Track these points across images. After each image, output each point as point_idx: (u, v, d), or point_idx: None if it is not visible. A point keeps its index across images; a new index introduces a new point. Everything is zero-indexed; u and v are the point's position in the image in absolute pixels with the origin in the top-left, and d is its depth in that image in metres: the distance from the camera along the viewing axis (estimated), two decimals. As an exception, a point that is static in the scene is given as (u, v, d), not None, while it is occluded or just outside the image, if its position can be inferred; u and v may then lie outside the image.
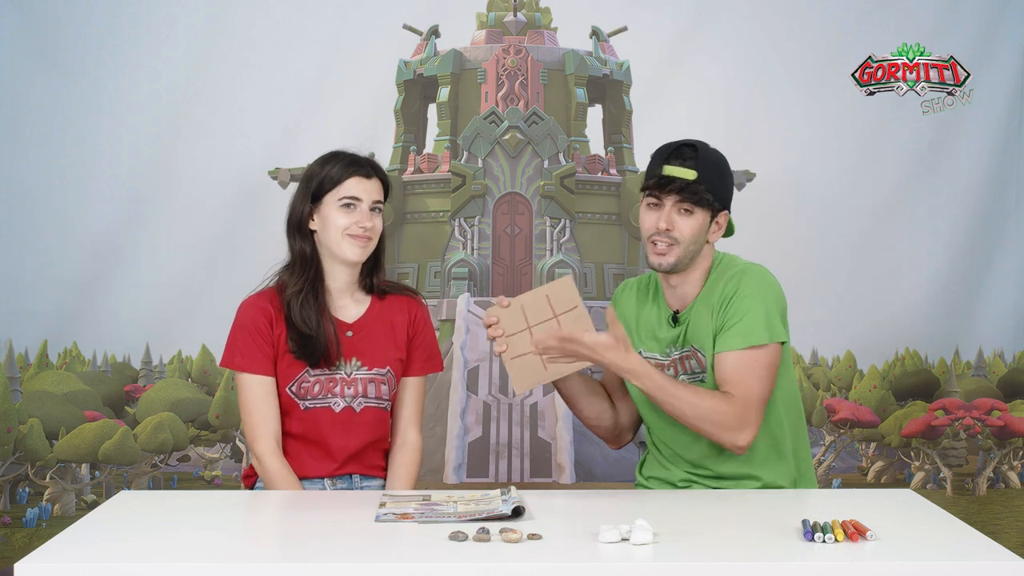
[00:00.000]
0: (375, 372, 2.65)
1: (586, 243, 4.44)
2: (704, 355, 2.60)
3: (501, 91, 4.47)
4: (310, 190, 2.64)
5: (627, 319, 2.72)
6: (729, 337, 2.54)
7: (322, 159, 2.69)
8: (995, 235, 4.32)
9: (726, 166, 2.64)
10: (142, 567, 1.94)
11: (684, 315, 2.64)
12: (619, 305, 2.77)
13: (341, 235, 2.60)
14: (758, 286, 2.58)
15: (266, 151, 4.18)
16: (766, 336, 2.54)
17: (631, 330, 2.70)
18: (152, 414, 4.20)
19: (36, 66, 4.11)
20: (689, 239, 2.57)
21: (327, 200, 2.62)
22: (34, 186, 4.12)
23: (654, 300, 2.71)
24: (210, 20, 4.17)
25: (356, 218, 2.60)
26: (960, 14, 4.24)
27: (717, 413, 2.49)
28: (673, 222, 2.56)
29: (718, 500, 2.45)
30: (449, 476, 4.21)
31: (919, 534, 2.14)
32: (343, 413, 2.62)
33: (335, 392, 2.61)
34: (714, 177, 2.57)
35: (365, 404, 2.63)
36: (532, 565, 1.94)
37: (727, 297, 2.58)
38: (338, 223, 2.60)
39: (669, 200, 2.56)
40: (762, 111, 4.25)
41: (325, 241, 2.63)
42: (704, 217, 2.58)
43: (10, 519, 4.13)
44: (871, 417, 4.35)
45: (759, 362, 2.54)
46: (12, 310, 4.13)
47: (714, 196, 2.57)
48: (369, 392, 2.63)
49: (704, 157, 2.57)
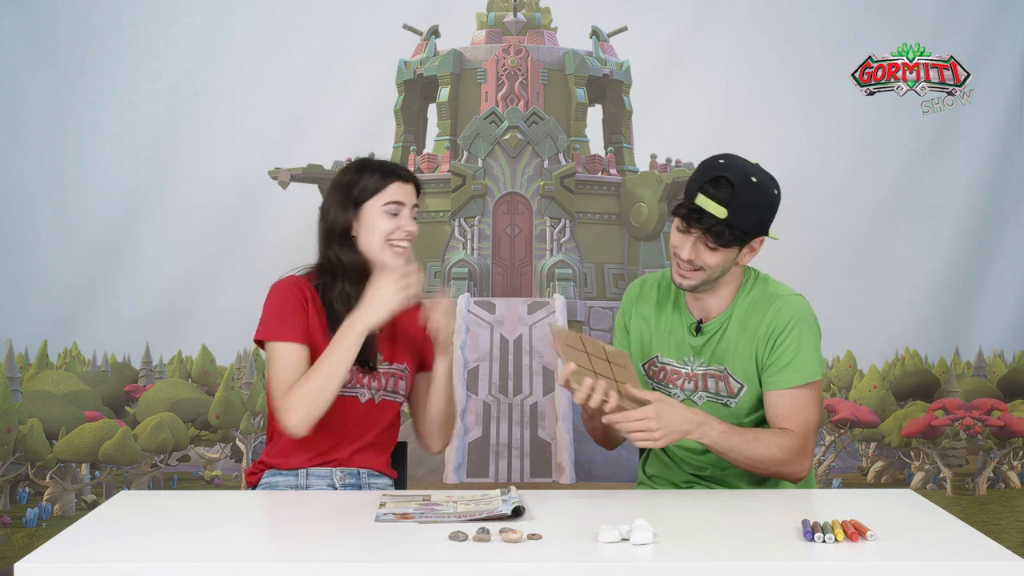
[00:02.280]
0: (395, 367, 2.69)
1: (586, 243, 4.44)
2: (738, 381, 2.57)
3: (501, 91, 4.47)
4: (351, 198, 2.63)
5: (646, 317, 2.67)
6: (788, 374, 2.53)
7: (355, 168, 2.69)
8: (995, 235, 4.32)
9: (768, 196, 2.49)
10: (142, 567, 1.94)
11: (710, 327, 2.59)
12: (639, 301, 2.70)
13: (383, 242, 2.61)
14: (807, 321, 2.55)
15: (266, 151, 4.18)
16: (819, 372, 2.55)
17: (650, 329, 2.66)
18: (152, 414, 4.20)
19: (36, 66, 4.11)
20: (714, 268, 2.50)
21: (368, 207, 2.62)
22: (34, 186, 4.12)
23: (675, 304, 2.66)
24: (210, 20, 4.17)
25: (400, 223, 2.62)
26: (960, 14, 4.24)
27: (783, 451, 2.49)
28: (698, 253, 2.48)
29: (718, 500, 2.45)
30: (449, 476, 4.21)
31: (919, 534, 2.14)
32: (367, 404, 2.65)
33: (363, 383, 2.64)
34: (748, 214, 2.44)
35: (384, 397, 2.67)
36: (532, 565, 1.94)
37: (777, 331, 2.53)
38: (382, 228, 2.61)
39: (696, 231, 2.46)
40: (762, 111, 4.25)
41: (365, 247, 2.63)
42: (731, 251, 2.49)
43: (10, 519, 4.13)
44: (871, 417, 4.35)
45: (813, 396, 2.56)
46: (12, 310, 4.13)
47: (745, 233, 2.46)
48: (389, 386, 2.68)
49: (741, 194, 2.42)
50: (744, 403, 2.58)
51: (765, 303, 2.56)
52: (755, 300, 2.58)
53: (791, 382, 2.53)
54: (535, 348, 4.37)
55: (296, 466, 2.64)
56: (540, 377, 4.37)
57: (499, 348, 4.38)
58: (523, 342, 4.39)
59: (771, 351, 2.53)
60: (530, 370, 4.38)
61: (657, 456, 2.75)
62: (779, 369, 2.53)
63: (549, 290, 4.40)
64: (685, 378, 2.61)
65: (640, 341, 2.68)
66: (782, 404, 2.54)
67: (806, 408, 2.53)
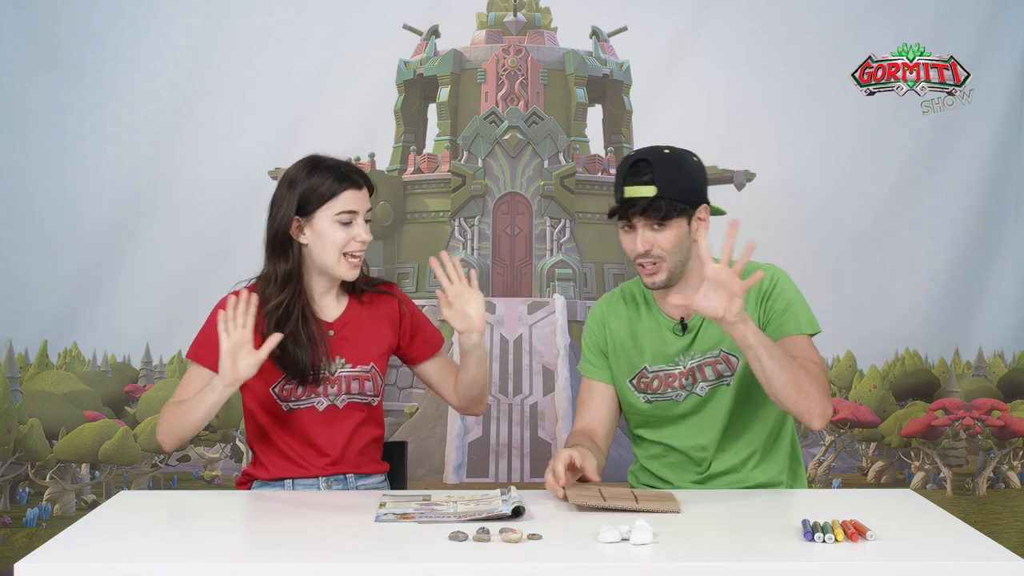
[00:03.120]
0: (359, 369, 2.63)
1: (586, 243, 4.44)
2: (735, 356, 2.58)
3: (501, 91, 4.47)
4: (295, 202, 2.55)
5: (621, 334, 2.67)
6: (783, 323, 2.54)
7: (305, 167, 2.58)
8: (995, 235, 4.32)
9: (687, 163, 2.56)
10: (142, 567, 1.94)
11: (694, 322, 2.60)
12: (608, 324, 2.69)
13: (338, 255, 2.54)
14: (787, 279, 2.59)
15: (266, 151, 4.18)
16: (815, 326, 2.57)
17: (629, 343, 2.66)
18: (152, 414, 4.20)
19: (36, 66, 4.11)
20: (672, 251, 2.52)
21: (320, 215, 2.54)
22: (34, 186, 4.12)
23: (647, 311, 2.66)
24: (210, 20, 4.17)
25: (354, 233, 2.54)
26: (960, 14, 4.24)
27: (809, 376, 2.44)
28: (650, 240, 2.51)
29: (718, 500, 2.45)
30: (449, 476, 4.21)
31: (919, 534, 2.14)
32: (327, 411, 2.61)
33: (318, 392, 2.59)
34: (678, 183, 2.50)
35: (348, 400, 2.62)
36: (532, 565, 1.94)
37: (764, 291, 2.56)
38: (335, 239, 2.53)
39: (639, 221, 2.52)
40: (762, 111, 4.25)
41: (318, 257, 2.56)
42: (680, 224, 2.52)
43: (10, 519, 4.13)
44: (871, 417, 4.35)
45: (815, 349, 2.57)
46: (12, 310, 4.13)
47: (684, 201, 2.51)
48: (352, 388, 2.62)
49: (660, 168, 2.50)
50: (742, 374, 2.58)
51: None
52: None
53: (795, 329, 2.54)
54: (535, 348, 4.37)
55: (280, 477, 2.64)
56: (540, 377, 4.37)
57: (499, 348, 4.38)
58: (523, 342, 4.39)
59: (766, 311, 2.56)
60: (530, 370, 4.38)
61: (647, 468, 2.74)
62: (779, 318, 2.55)
63: (549, 290, 4.40)
64: (680, 376, 2.61)
65: (622, 357, 2.67)
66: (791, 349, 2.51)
67: (811, 354, 2.53)
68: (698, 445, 2.63)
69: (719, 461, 2.63)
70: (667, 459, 2.68)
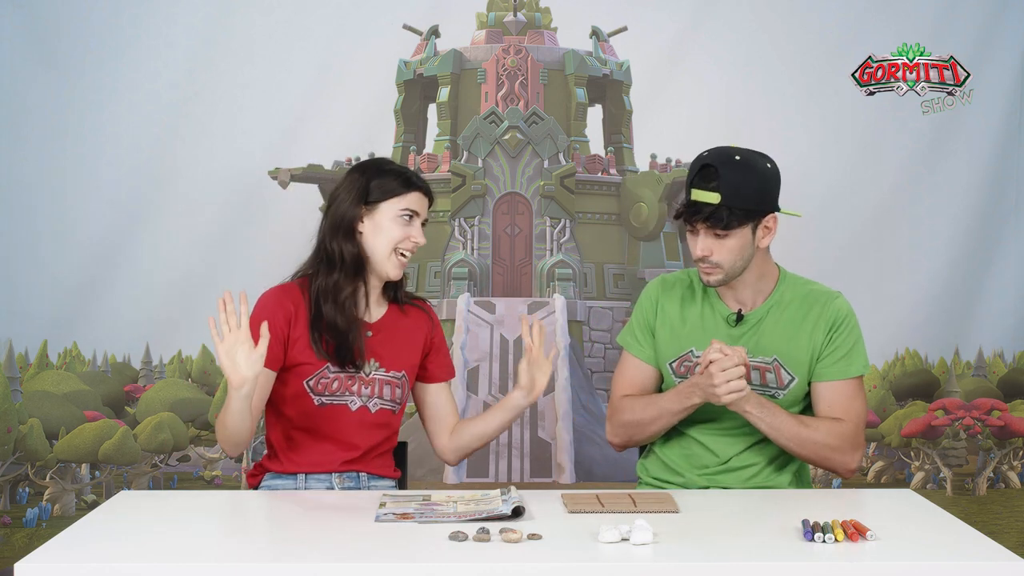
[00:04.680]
0: (392, 375, 2.64)
1: (586, 243, 4.44)
2: (790, 373, 2.58)
3: (501, 91, 4.47)
4: (365, 193, 2.59)
5: (672, 314, 2.66)
6: (844, 365, 2.57)
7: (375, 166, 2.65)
8: (995, 235, 4.32)
9: (758, 169, 2.52)
10: (142, 567, 1.94)
11: (752, 316, 2.59)
12: (661, 304, 2.68)
13: (390, 249, 2.58)
14: (854, 316, 2.62)
15: (266, 151, 4.18)
16: (868, 366, 2.62)
17: (679, 325, 2.65)
18: (152, 414, 4.20)
19: (36, 66, 4.11)
20: (731, 260, 2.52)
21: (384, 208, 2.58)
22: (34, 186, 4.12)
23: (704, 298, 2.65)
24: (210, 20, 4.17)
25: (411, 232, 2.59)
26: (960, 14, 4.24)
27: (833, 436, 2.53)
28: (710, 248, 2.50)
29: (718, 500, 2.45)
30: (449, 476, 4.20)
31: (919, 534, 2.14)
32: (358, 412, 2.61)
33: (353, 391, 2.60)
34: (743, 192, 2.47)
35: (380, 406, 2.63)
36: (532, 565, 1.94)
37: (837, 323, 2.57)
38: (393, 234, 2.57)
39: (701, 226, 2.50)
40: (762, 111, 4.25)
41: (371, 248, 2.59)
42: (743, 233, 2.50)
43: (10, 519, 4.13)
44: (871, 417, 4.35)
45: (863, 390, 2.61)
46: (12, 310, 4.13)
47: (747, 211, 2.48)
48: (384, 394, 2.63)
49: (727, 175, 2.46)
50: (791, 395, 2.59)
51: (818, 297, 2.60)
52: (804, 294, 2.61)
53: (847, 373, 2.57)
54: (535, 348, 4.36)
55: (294, 471, 2.64)
56: (540, 377, 4.36)
57: (499, 348, 4.38)
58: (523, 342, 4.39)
59: (830, 342, 2.57)
60: (530, 370, 4.37)
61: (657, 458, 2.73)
62: (836, 360, 2.56)
63: (549, 290, 4.40)
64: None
65: (669, 338, 2.65)
66: (835, 395, 2.57)
67: (857, 400, 2.58)
68: (724, 442, 2.62)
69: (739, 459, 2.62)
70: (687, 450, 2.66)
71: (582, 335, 4.43)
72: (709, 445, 2.63)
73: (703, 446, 2.64)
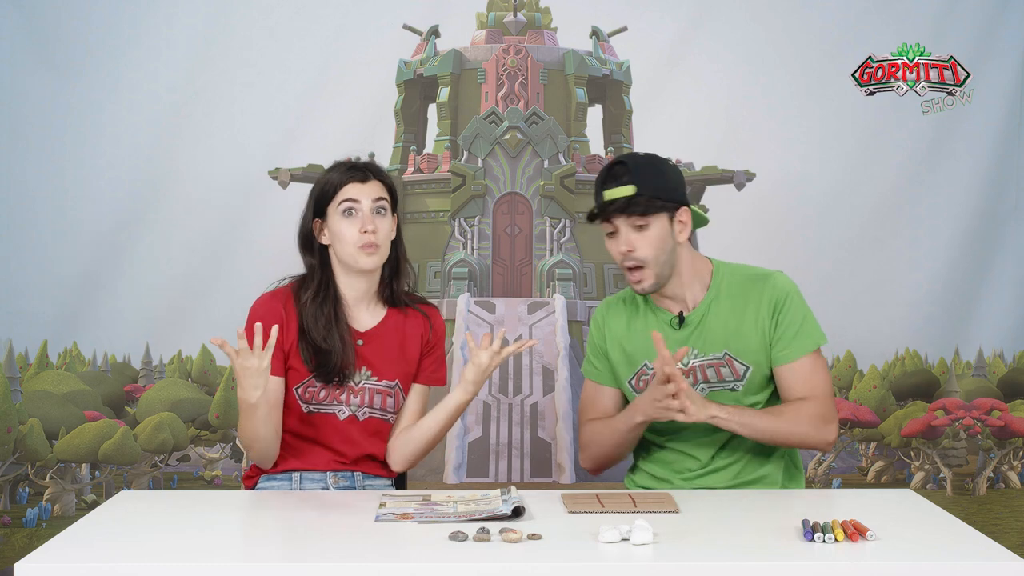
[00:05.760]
0: (384, 384, 2.62)
1: (586, 243, 4.44)
2: (742, 363, 2.59)
3: (501, 91, 4.47)
4: (313, 205, 2.61)
5: (619, 334, 2.68)
6: (798, 344, 2.58)
7: (325, 170, 2.65)
8: (995, 235, 4.32)
9: (664, 165, 2.61)
10: (142, 567, 1.94)
11: (692, 316, 2.61)
12: (607, 326, 2.71)
13: (354, 247, 2.55)
14: (797, 290, 2.63)
15: (266, 151, 4.18)
16: (823, 336, 2.62)
17: (627, 342, 2.66)
18: (152, 414, 4.20)
19: (36, 66, 4.11)
20: (654, 254, 2.55)
21: (330, 211, 2.57)
22: (34, 186, 4.12)
23: (646, 309, 2.67)
24: (210, 20, 4.17)
25: (359, 223, 2.55)
26: (960, 14, 4.24)
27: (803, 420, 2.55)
28: (631, 242, 2.54)
29: (718, 500, 2.45)
30: (449, 476, 4.21)
31: (919, 534, 2.14)
32: (347, 421, 2.60)
33: (341, 400, 2.59)
34: (654, 182, 2.54)
35: (369, 414, 2.62)
36: (532, 565, 1.94)
37: (779, 303, 2.58)
38: (346, 234, 2.54)
39: (620, 222, 2.55)
40: (762, 111, 4.25)
41: (340, 255, 2.58)
42: (661, 224, 2.55)
43: (10, 519, 4.13)
44: (871, 417, 4.36)
45: (822, 361, 2.63)
46: (12, 310, 4.13)
47: (662, 199, 2.54)
48: (375, 403, 2.61)
49: (637, 168, 2.54)
50: (751, 384, 2.60)
51: (755, 281, 2.62)
52: (740, 281, 2.63)
53: (802, 351, 2.58)
54: (535, 348, 4.37)
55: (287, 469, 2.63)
56: (540, 377, 4.37)
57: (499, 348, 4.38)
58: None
59: (778, 324, 2.58)
60: (530, 370, 4.38)
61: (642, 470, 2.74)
62: (789, 340, 2.58)
63: (549, 290, 4.40)
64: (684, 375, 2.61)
65: (621, 358, 2.68)
66: (795, 375, 2.58)
67: (818, 373, 2.59)
68: (701, 446, 2.63)
69: (720, 457, 2.63)
70: (668, 460, 2.68)
71: (582, 335, 4.42)
72: (688, 451, 2.66)
73: (682, 453, 2.67)
